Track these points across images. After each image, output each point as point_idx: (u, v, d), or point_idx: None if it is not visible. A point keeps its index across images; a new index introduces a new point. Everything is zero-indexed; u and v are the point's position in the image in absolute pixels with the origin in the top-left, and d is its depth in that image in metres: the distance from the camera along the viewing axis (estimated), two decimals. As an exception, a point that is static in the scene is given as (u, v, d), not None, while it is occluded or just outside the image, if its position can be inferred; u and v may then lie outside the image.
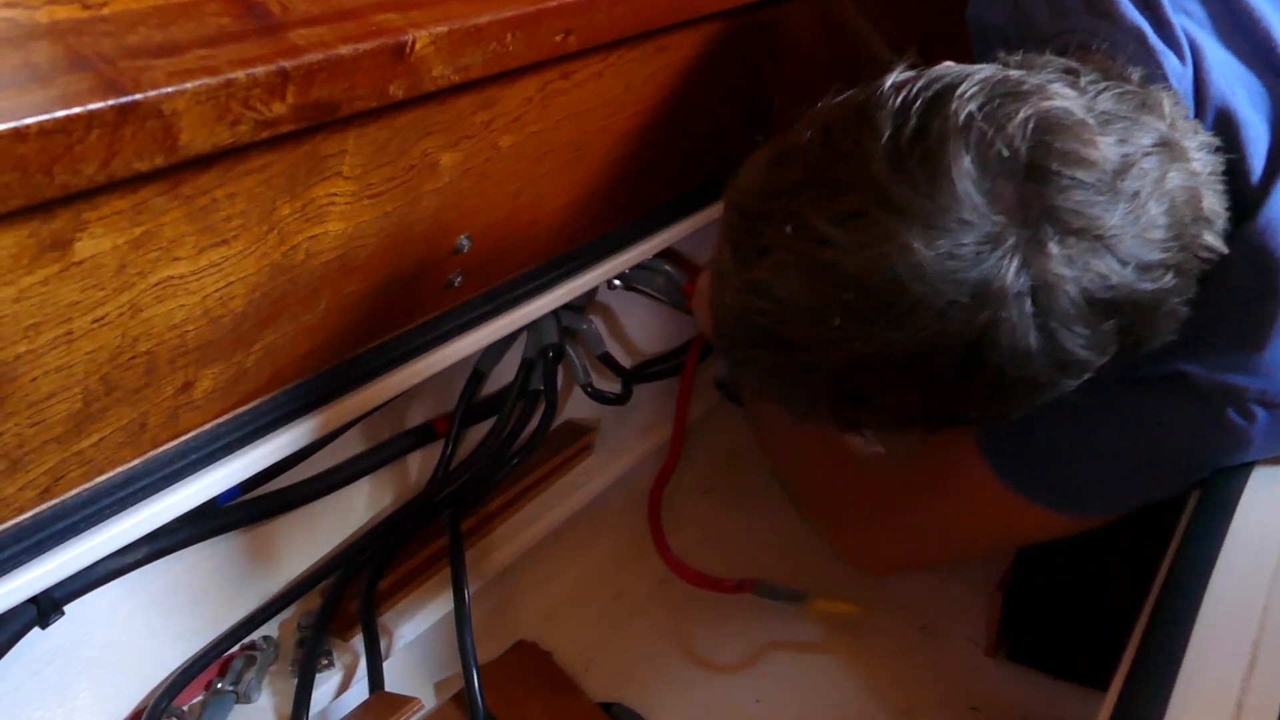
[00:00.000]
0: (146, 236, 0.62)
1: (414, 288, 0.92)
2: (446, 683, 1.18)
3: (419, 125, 0.75)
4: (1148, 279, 0.67)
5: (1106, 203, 0.65)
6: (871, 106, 0.68)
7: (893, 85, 0.69)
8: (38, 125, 0.46)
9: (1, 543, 0.71)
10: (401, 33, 0.62)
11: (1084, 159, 0.65)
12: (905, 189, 0.64)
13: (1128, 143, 0.68)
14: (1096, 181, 0.65)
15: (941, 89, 0.67)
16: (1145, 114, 0.71)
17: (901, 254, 0.64)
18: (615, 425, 1.41)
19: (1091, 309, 0.66)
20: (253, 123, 0.56)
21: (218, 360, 0.77)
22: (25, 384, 0.62)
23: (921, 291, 0.64)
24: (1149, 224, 0.67)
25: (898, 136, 0.66)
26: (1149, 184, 0.67)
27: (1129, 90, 0.72)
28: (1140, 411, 0.82)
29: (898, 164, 0.65)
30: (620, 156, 1.05)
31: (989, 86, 0.67)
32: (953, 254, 0.63)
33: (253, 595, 1.06)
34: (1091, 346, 0.68)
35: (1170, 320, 0.72)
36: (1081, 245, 0.65)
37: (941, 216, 0.64)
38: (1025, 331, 0.65)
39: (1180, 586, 0.71)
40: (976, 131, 0.65)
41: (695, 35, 0.97)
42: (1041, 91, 0.67)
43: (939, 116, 0.65)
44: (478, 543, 1.19)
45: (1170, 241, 0.68)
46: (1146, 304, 0.69)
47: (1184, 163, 0.70)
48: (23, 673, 0.88)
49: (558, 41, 0.76)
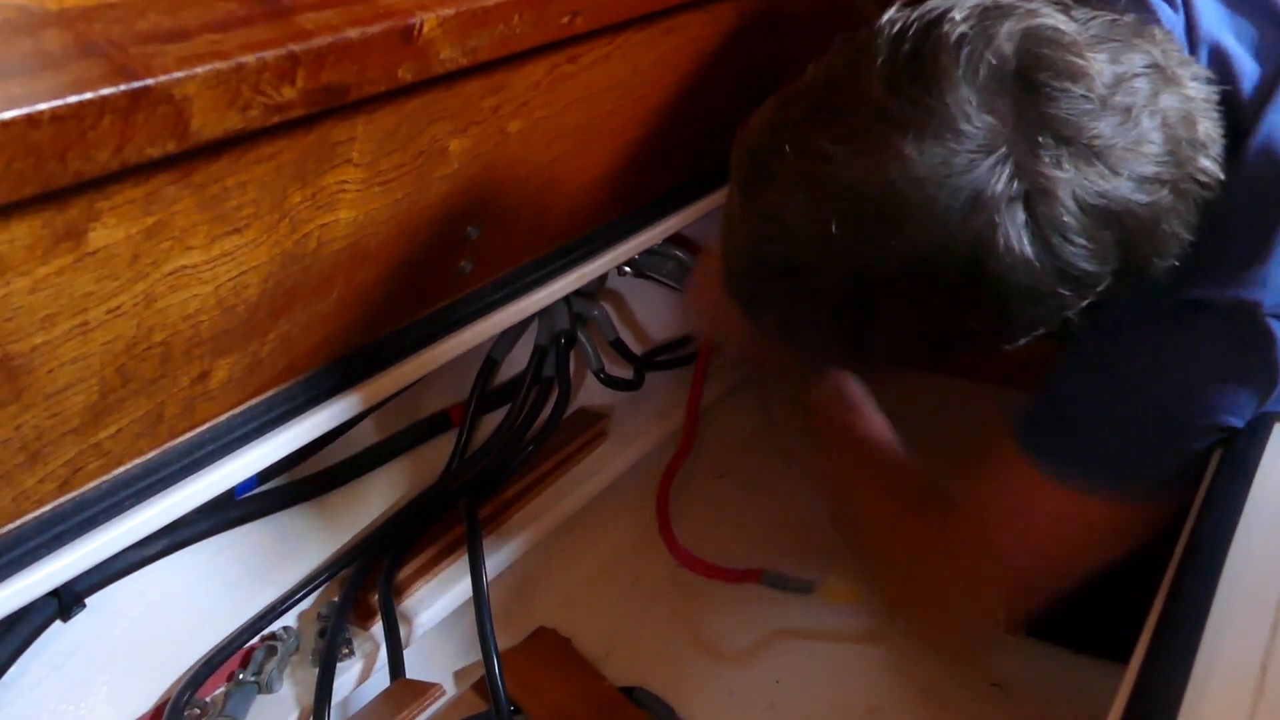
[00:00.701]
0: (159, 226, 0.62)
1: (425, 275, 0.92)
2: (466, 670, 1.18)
3: (428, 111, 0.75)
4: (1142, 191, 0.69)
5: (1097, 112, 0.67)
6: (868, 40, 0.71)
7: (888, 20, 0.71)
8: (51, 111, 0.46)
9: (22, 535, 0.71)
10: (409, 15, 0.62)
11: (1074, 70, 0.67)
12: (900, 103, 0.67)
13: (1119, 62, 0.70)
14: (1087, 92, 0.67)
15: (934, 16, 0.70)
16: (1137, 39, 0.72)
17: (897, 162, 0.66)
18: (629, 411, 1.41)
19: (1086, 217, 0.68)
20: (263, 107, 0.56)
21: (233, 350, 0.77)
22: (42, 376, 0.63)
23: (917, 198, 0.66)
24: (1141, 137, 0.69)
25: (894, 59, 0.69)
26: (1141, 99, 0.69)
27: (1121, 21, 0.73)
28: (1160, 345, 0.82)
29: (894, 84, 0.68)
30: (629, 141, 1.05)
31: (980, 9, 0.69)
32: (946, 161, 0.66)
33: (273, 586, 1.06)
34: (1091, 257, 0.69)
35: (1173, 242, 0.73)
36: (1073, 151, 0.67)
37: (935, 126, 0.66)
38: (1020, 237, 0.67)
39: (1201, 553, 0.70)
40: (968, 46, 0.67)
41: (703, 16, 0.97)
42: (1032, 13, 0.70)
43: (931, 38, 0.68)
44: (494, 530, 1.19)
45: (1165, 158, 0.70)
46: (1145, 218, 0.70)
47: (1177, 86, 0.72)
48: (46, 666, 0.88)
49: (565, 23, 0.76)
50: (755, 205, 0.74)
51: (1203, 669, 0.63)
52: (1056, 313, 0.72)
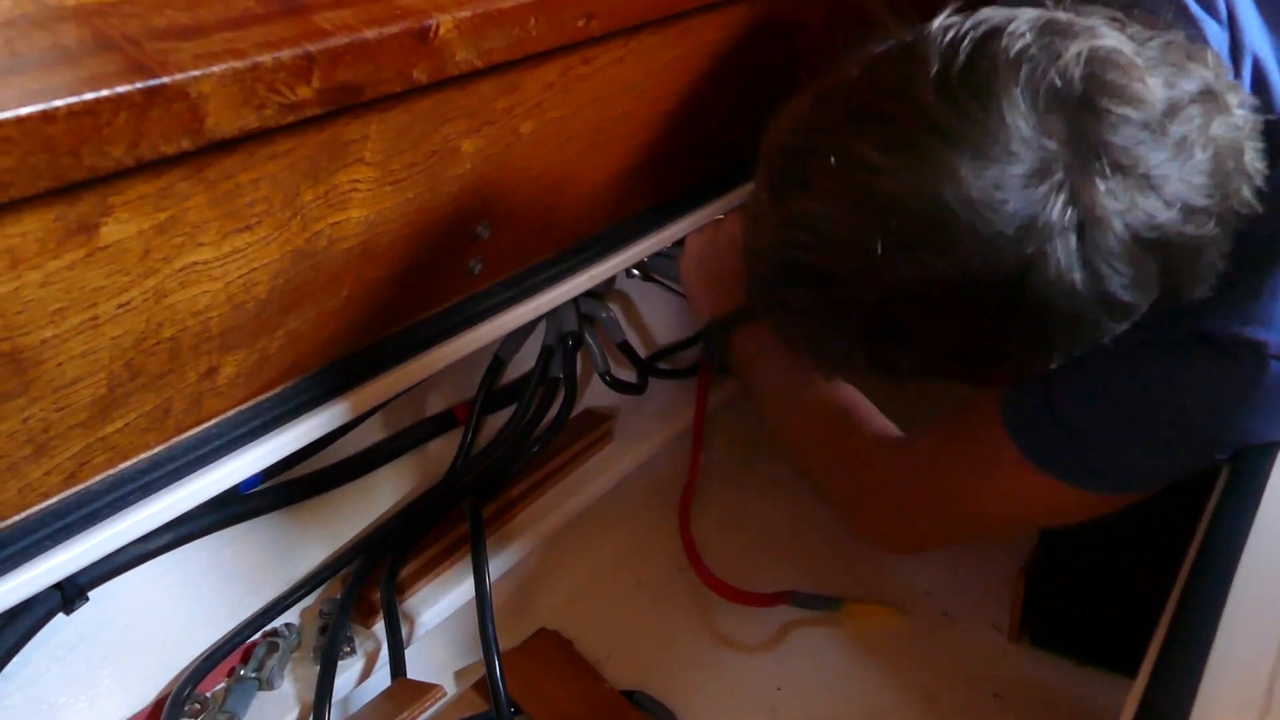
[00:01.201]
0: (171, 221, 0.62)
1: (435, 274, 0.92)
2: (467, 670, 1.18)
3: (441, 111, 0.75)
4: (1191, 223, 0.67)
5: (1154, 142, 0.65)
6: (919, 45, 0.68)
7: (940, 26, 0.69)
8: (66, 107, 0.46)
9: (27, 528, 0.71)
10: (426, 16, 0.62)
11: (1135, 96, 0.65)
12: (955, 117, 0.64)
13: (1175, 87, 0.68)
14: (1146, 120, 0.65)
15: (990, 28, 0.67)
16: (1191, 63, 0.70)
17: (950, 181, 0.64)
18: (634, 413, 1.40)
19: (1137, 247, 0.66)
20: (278, 106, 0.56)
21: (241, 346, 0.77)
22: (51, 369, 0.62)
23: (969, 219, 0.64)
24: (1194, 169, 0.67)
25: (947, 70, 0.66)
26: (1195, 129, 0.67)
27: (1174, 42, 0.72)
28: (1164, 377, 0.81)
29: (947, 94, 0.65)
30: (641, 142, 1.05)
31: (1040, 24, 0.67)
32: (1000, 184, 0.63)
33: (275, 582, 1.07)
34: (1135, 286, 0.67)
35: (1210, 271, 0.72)
36: (1129, 182, 0.65)
37: (991, 146, 0.64)
38: (1070, 266, 0.65)
39: (1209, 570, 0.70)
40: (1029, 64, 0.65)
41: (718, 19, 0.97)
42: (1092, 31, 0.67)
43: (989, 51, 0.66)
44: (498, 530, 1.19)
45: (1213, 189, 0.68)
46: (1190, 249, 0.69)
47: (1227, 115, 0.70)
48: (47, 658, 0.89)
49: (580, 26, 0.76)
50: (789, 209, 0.72)
51: (1210, 686, 0.62)
52: (1093, 339, 0.71)
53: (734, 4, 0.98)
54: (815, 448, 1.11)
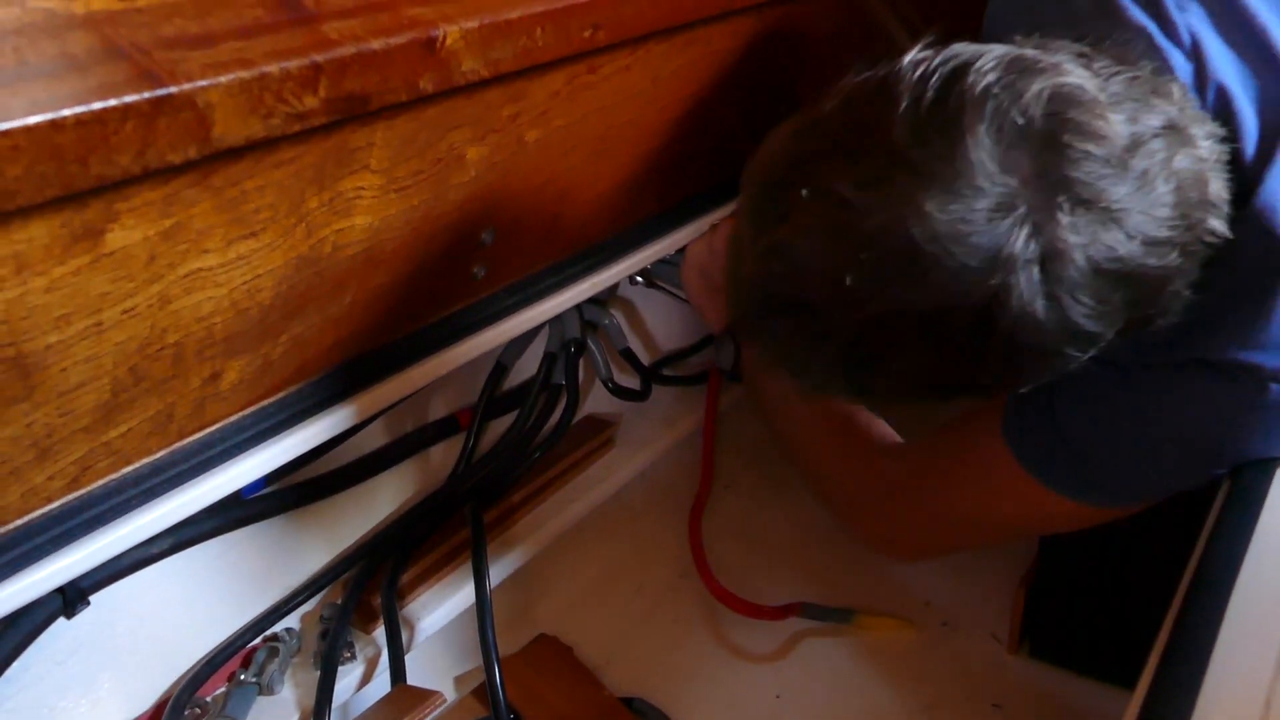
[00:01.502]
0: (177, 228, 0.62)
1: (439, 281, 0.92)
2: (466, 676, 1.19)
3: (447, 119, 0.75)
4: (1154, 255, 0.69)
5: (1116, 177, 0.67)
6: (891, 80, 0.70)
7: (911, 61, 0.70)
8: (75, 116, 0.46)
9: (29, 532, 0.71)
10: (433, 26, 0.62)
11: (1096, 133, 0.67)
12: (923, 154, 0.66)
13: (1138, 122, 0.69)
14: (1107, 156, 0.67)
15: (959, 64, 0.69)
16: (1155, 98, 0.72)
17: (917, 217, 0.65)
18: (636, 419, 1.41)
19: (1099, 280, 0.67)
20: (284, 115, 0.56)
21: (245, 352, 0.77)
22: (55, 374, 0.62)
23: (935, 253, 0.65)
24: (1156, 201, 0.68)
25: (917, 106, 0.68)
26: (1157, 163, 0.69)
27: (1140, 76, 0.73)
28: (1164, 397, 0.83)
29: (916, 131, 0.67)
30: (645, 151, 1.05)
31: (1005, 62, 0.69)
32: (965, 219, 0.65)
33: (276, 587, 1.07)
34: (1098, 317, 0.69)
35: (1175, 300, 0.74)
36: (1091, 216, 0.66)
37: (956, 181, 0.65)
38: (1034, 298, 0.66)
39: (1208, 583, 0.71)
40: (993, 102, 0.66)
41: (723, 29, 0.97)
42: (1057, 69, 0.69)
43: (957, 88, 0.67)
44: (499, 536, 1.20)
45: (1177, 221, 0.69)
46: (1153, 280, 0.70)
47: (1191, 148, 0.72)
48: (48, 662, 0.89)
49: (586, 36, 0.76)
50: (767, 241, 0.73)
51: (1208, 698, 0.63)
52: (1060, 368, 0.73)
53: (740, 14, 0.98)
54: (819, 453, 1.13)
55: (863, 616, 1.23)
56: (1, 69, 0.47)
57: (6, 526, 0.70)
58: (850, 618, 1.23)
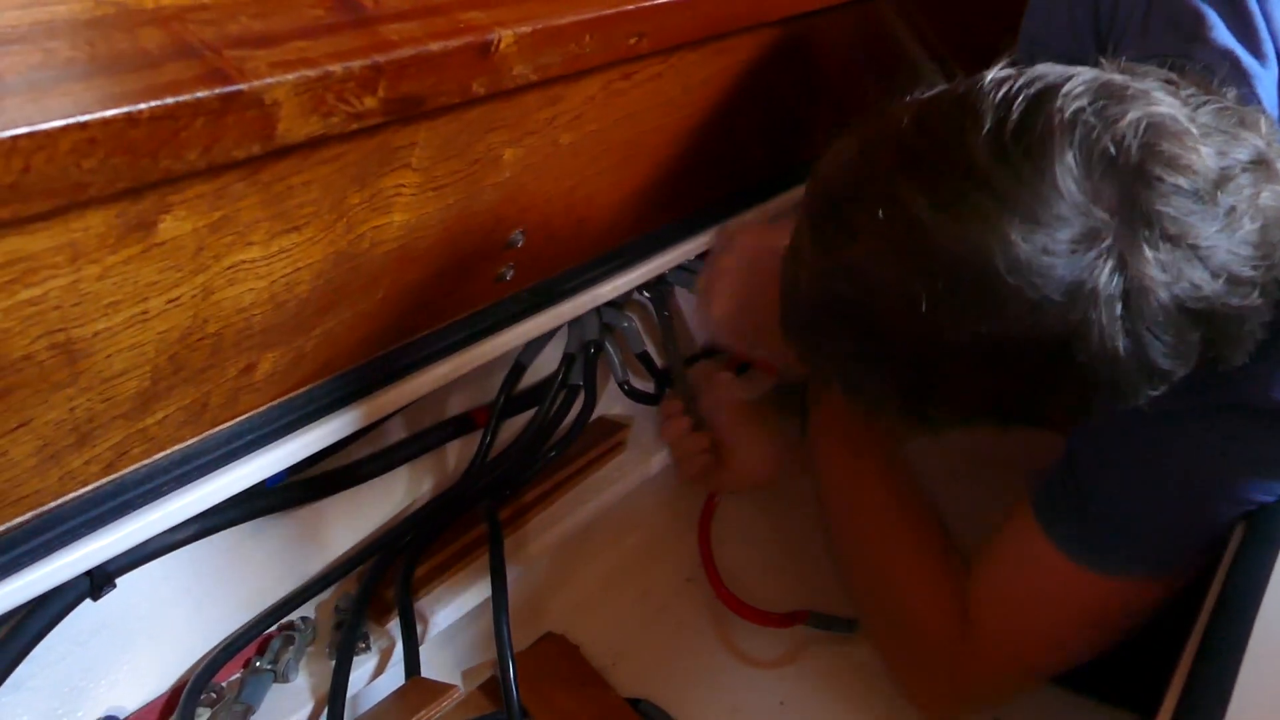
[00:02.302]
0: (224, 220, 0.63)
1: (467, 279, 0.93)
2: (473, 671, 1.19)
3: (486, 120, 0.76)
4: (1236, 294, 0.67)
5: (1204, 212, 0.64)
6: (972, 97, 0.67)
7: (994, 80, 0.68)
8: (149, 110, 0.47)
9: (64, 514, 0.72)
10: (488, 31, 0.63)
11: (1187, 166, 0.64)
12: (1007, 178, 0.64)
13: (1227, 155, 0.67)
14: (1196, 190, 0.64)
15: (1045, 86, 0.66)
16: (1243, 130, 0.70)
17: (1000, 243, 0.63)
18: (648, 423, 1.41)
19: (1181, 317, 0.66)
20: (344, 115, 0.57)
21: (279, 344, 0.78)
22: (100, 360, 0.64)
23: (1016, 284, 0.63)
24: (1242, 239, 0.66)
25: (1001, 127, 0.65)
26: (1245, 199, 0.66)
27: (1227, 107, 0.71)
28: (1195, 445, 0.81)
29: (1001, 153, 0.64)
30: (671, 156, 1.06)
31: (1095, 87, 0.66)
32: (1048, 249, 0.63)
33: (293, 576, 1.08)
34: (1176, 355, 0.67)
35: (1250, 340, 0.72)
36: (1177, 252, 0.64)
37: (1041, 209, 0.63)
38: (1115, 334, 0.64)
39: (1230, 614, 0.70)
40: (1083, 128, 0.64)
41: (753, 39, 0.98)
42: (1147, 97, 0.67)
43: (1044, 111, 0.65)
44: (511, 534, 1.20)
45: (1259, 260, 0.67)
46: (1233, 319, 0.68)
47: (1277, 183, 0.69)
48: (70, 642, 0.90)
49: (631, 44, 0.77)
50: (833, 256, 0.71)
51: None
52: (1131, 401, 0.70)
53: (769, 25, 0.99)
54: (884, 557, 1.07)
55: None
56: (74, 61, 0.49)
57: (43, 508, 0.71)
58: (856, 627, 1.24)
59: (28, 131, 0.44)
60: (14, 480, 0.66)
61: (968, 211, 0.64)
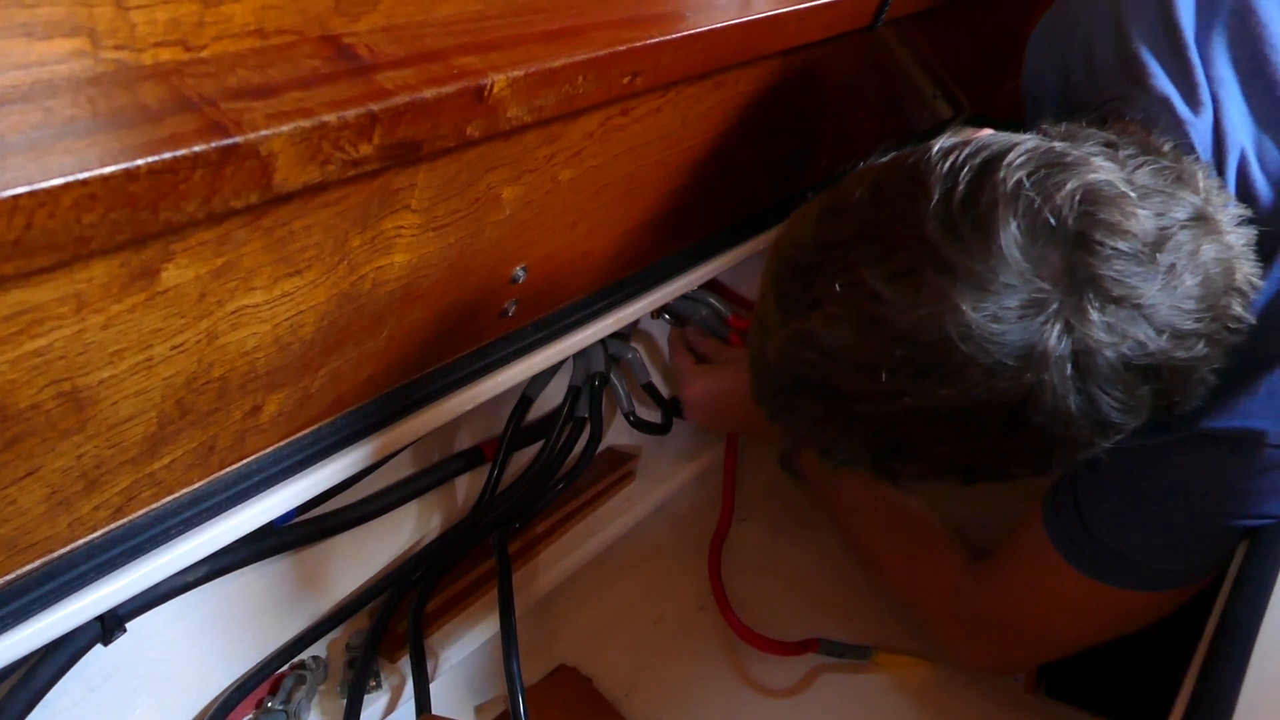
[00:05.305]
0: (227, 266, 0.63)
1: (471, 316, 0.93)
2: (487, 706, 1.19)
3: (485, 160, 0.77)
4: (1182, 348, 0.70)
5: (1145, 273, 0.67)
6: (922, 169, 0.70)
7: (941, 150, 0.71)
8: (148, 165, 0.48)
9: (74, 560, 0.73)
10: (481, 75, 0.64)
11: (1125, 230, 0.67)
12: (956, 251, 0.67)
13: (1165, 216, 0.70)
14: (1136, 252, 0.67)
15: (989, 157, 0.69)
16: (1181, 188, 0.73)
17: (951, 314, 0.66)
18: (656, 453, 1.42)
19: (1129, 374, 0.68)
20: (341, 162, 0.58)
21: (285, 385, 0.78)
22: (106, 408, 0.64)
23: (970, 351, 0.66)
24: (1184, 295, 0.69)
25: (949, 199, 0.68)
26: (1184, 256, 0.69)
27: (1165, 165, 0.74)
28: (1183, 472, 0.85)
29: (949, 226, 0.67)
30: (672, 189, 1.06)
31: (1036, 156, 0.69)
32: (998, 316, 0.66)
33: (304, 615, 1.08)
34: (1127, 410, 0.70)
35: (1200, 386, 0.75)
36: (1121, 313, 0.67)
37: (989, 279, 0.66)
38: (1066, 394, 0.67)
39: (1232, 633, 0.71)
40: (1025, 199, 0.67)
41: (752, 73, 0.99)
42: (1086, 164, 0.70)
43: (989, 183, 0.68)
44: (521, 567, 1.20)
45: (1203, 313, 0.70)
46: (1181, 371, 0.71)
47: (1218, 236, 0.72)
48: (82, 687, 0.90)
49: (625, 83, 0.77)
50: (797, 326, 0.74)
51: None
52: (1087, 455, 0.74)
53: (768, 59, 1.00)
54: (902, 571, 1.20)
55: (881, 654, 1.24)
56: (76, 119, 0.49)
57: (52, 555, 0.71)
58: (868, 655, 1.24)
59: (28, 190, 0.44)
60: (23, 528, 0.66)
61: (920, 284, 0.67)
